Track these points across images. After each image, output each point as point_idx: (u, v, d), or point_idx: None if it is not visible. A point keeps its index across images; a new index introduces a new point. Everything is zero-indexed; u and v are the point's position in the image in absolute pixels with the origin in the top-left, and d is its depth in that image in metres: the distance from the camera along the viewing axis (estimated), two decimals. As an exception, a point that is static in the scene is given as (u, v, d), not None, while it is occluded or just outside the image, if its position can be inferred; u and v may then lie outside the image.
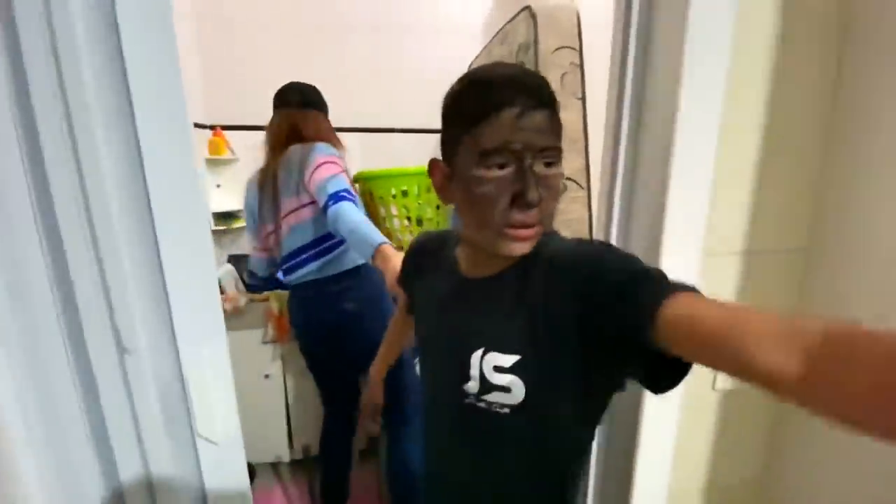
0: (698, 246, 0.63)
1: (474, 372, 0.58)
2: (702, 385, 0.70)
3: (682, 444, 0.71)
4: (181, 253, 0.55)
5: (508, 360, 0.55)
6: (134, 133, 0.51)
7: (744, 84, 0.60)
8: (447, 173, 0.58)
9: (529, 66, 1.39)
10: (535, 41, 1.34)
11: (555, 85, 1.40)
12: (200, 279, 0.57)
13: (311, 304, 1.35)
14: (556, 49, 1.37)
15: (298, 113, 1.33)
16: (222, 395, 0.61)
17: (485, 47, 1.81)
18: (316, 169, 1.22)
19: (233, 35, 2.01)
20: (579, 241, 0.58)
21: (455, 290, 0.65)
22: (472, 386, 0.58)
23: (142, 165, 0.52)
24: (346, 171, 1.28)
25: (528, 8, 1.36)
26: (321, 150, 1.26)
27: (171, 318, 0.56)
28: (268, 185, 1.31)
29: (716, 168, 0.61)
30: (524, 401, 0.55)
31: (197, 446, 0.62)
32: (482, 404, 0.58)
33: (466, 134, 0.53)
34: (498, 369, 0.56)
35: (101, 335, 0.54)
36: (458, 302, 0.64)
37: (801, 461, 0.71)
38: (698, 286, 0.45)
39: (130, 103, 0.50)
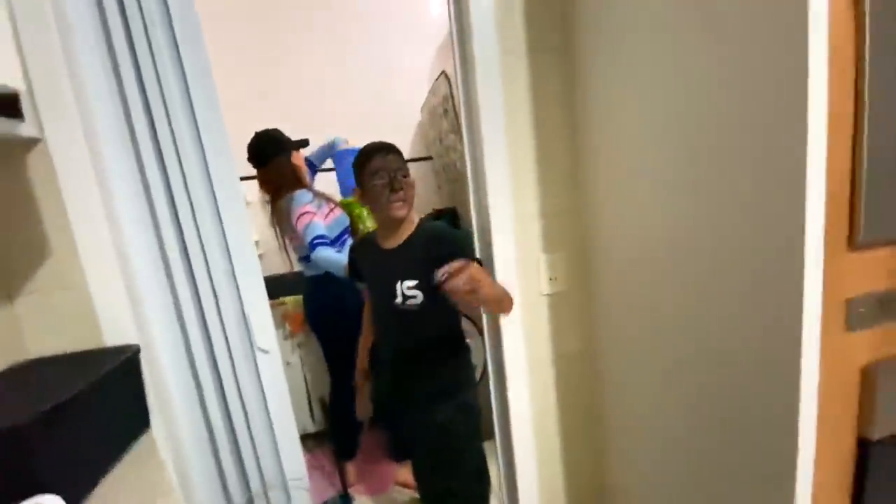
0: (511, 214, 1.17)
1: (398, 292, 1.17)
2: (532, 291, 1.23)
3: (529, 330, 1.23)
4: (239, 245, 1.10)
5: (413, 283, 1.16)
6: (212, 190, 1.06)
7: (516, 116, 1.15)
8: (360, 193, 1.20)
9: (450, 109, 1.95)
10: (451, 94, 1.91)
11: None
12: (249, 258, 1.12)
13: (313, 292, 1.94)
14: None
15: (262, 172, 1.83)
16: (267, 322, 1.15)
17: (426, 98, 2.40)
18: (297, 220, 1.75)
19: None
20: (440, 228, 1.22)
21: (381, 257, 1.24)
22: (398, 299, 1.18)
23: (214, 194, 1.07)
24: (316, 212, 1.78)
25: (443, 72, 1.94)
26: (297, 202, 1.76)
27: (235, 278, 1.11)
28: (276, 226, 1.91)
29: (511, 171, 1.15)
30: (422, 302, 1.15)
31: (255, 355, 1.16)
32: (404, 307, 1.17)
33: (365, 169, 1.14)
34: (408, 288, 1.16)
35: (207, 288, 1.08)
36: (384, 262, 1.23)
37: (613, 335, 1.21)
38: (516, 236, 1.14)
39: (207, 168, 1.06)
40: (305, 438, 2.39)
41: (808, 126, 0.58)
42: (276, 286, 2.35)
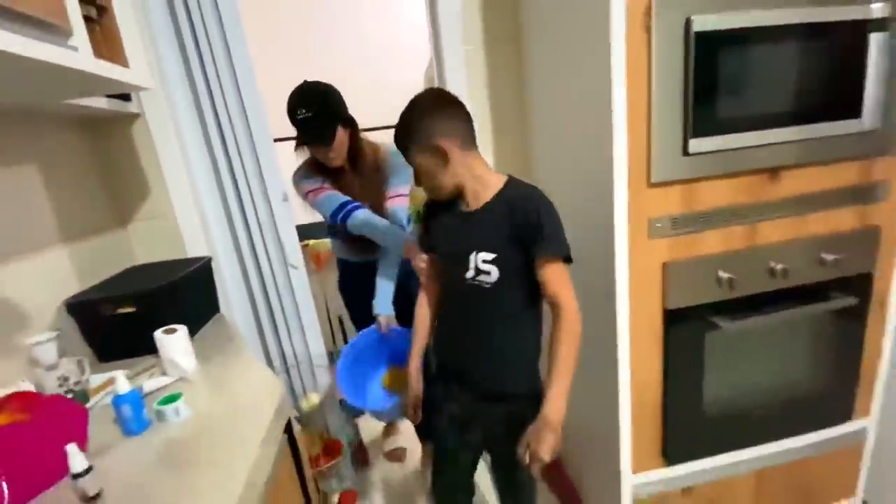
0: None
1: (471, 264, 0.96)
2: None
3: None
4: (272, 180, 1.54)
5: (490, 256, 0.94)
6: (253, 147, 1.50)
7: (477, 97, 1.52)
8: None
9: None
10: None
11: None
12: (282, 203, 1.56)
13: (355, 275, 1.60)
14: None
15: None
16: (296, 247, 1.61)
17: (424, 81, 2.74)
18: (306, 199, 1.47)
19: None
20: (527, 190, 0.96)
21: (457, 219, 1.01)
22: (470, 273, 0.97)
23: (256, 153, 1.51)
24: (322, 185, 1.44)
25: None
26: (295, 184, 1.49)
27: (273, 217, 1.56)
28: None
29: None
30: (498, 279, 0.95)
31: (289, 270, 1.62)
32: (475, 282, 0.97)
33: None
34: (484, 262, 0.95)
35: (254, 222, 1.54)
36: (460, 225, 1.00)
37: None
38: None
39: (250, 130, 1.49)
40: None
41: (614, 108, 0.96)
42: (301, 232, 2.86)
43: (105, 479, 0.71)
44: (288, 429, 0.96)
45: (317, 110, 1.33)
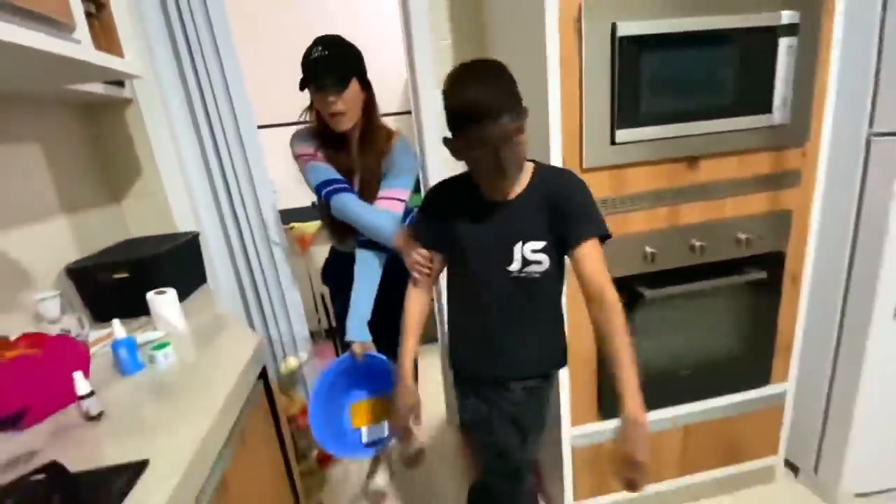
0: (443, 158, 1.71)
1: (517, 256, 0.93)
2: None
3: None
4: (256, 163, 1.68)
5: (539, 245, 0.92)
6: (238, 132, 1.63)
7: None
8: (451, 147, 0.90)
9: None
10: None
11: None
12: (266, 184, 1.69)
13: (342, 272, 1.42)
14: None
15: None
16: (277, 225, 1.74)
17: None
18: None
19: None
20: (560, 172, 0.99)
21: (487, 211, 0.94)
22: (515, 265, 0.93)
23: (241, 137, 1.64)
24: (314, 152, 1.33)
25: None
26: (291, 145, 1.37)
27: (257, 197, 1.69)
28: None
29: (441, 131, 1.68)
30: (548, 268, 0.93)
31: (272, 246, 1.76)
32: (522, 275, 0.94)
33: (462, 132, 0.85)
34: (534, 251, 0.92)
35: (238, 201, 1.68)
36: (494, 217, 0.94)
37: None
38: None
39: (236, 118, 1.62)
40: (314, 335, 3.08)
41: (550, 102, 1.10)
42: (287, 215, 2.99)
43: (105, 405, 0.85)
44: (263, 375, 1.11)
45: (334, 52, 1.20)
